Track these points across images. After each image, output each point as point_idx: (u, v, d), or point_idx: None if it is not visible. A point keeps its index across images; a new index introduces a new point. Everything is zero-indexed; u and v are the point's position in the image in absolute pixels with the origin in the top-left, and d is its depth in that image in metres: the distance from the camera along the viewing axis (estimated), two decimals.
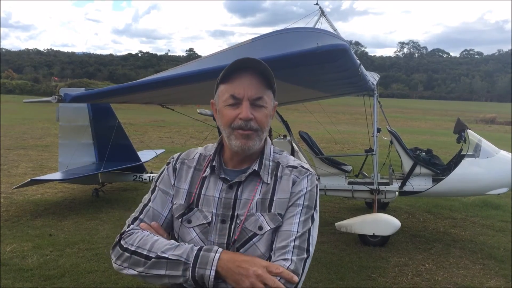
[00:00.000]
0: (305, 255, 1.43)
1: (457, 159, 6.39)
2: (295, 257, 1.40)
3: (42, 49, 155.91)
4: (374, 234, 5.75)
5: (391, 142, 6.71)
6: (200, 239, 1.48)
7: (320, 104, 10.28)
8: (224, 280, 1.34)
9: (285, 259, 1.39)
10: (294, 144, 7.36)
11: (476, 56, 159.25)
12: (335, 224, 5.96)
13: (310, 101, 8.92)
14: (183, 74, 3.82)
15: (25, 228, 6.17)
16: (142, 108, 29.33)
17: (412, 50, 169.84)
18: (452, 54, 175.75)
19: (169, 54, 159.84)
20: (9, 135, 15.96)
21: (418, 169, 6.36)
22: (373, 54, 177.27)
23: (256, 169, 1.51)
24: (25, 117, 23.15)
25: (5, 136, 15.49)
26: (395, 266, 5.24)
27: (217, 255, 1.34)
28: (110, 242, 5.57)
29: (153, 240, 1.43)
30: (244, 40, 4.98)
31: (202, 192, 1.53)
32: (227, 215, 1.48)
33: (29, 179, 7.25)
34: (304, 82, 4.98)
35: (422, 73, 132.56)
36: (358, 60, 4.36)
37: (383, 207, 7.51)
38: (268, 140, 1.60)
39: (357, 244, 5.89)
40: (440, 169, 6.42)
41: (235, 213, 1.48)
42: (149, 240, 1.43)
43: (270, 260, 1.43)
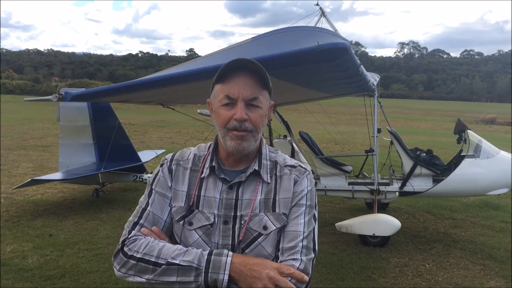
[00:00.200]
0: (313, 254, 1.46)
1: (458, 160, 6.39)
2: (304, 257, 1.42)
3: (42, 49, 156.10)
4: (374, 234, 5.75)
5: (391, 143, 6.71)
6: (203, 241, 1.47)
7: (320, 105, 10.26)
8: (236, 283, 1.34)
9: (294, 259, 1.41)
10: (294, 145, 7.36)
11: (476, 57, 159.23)
12: (335, 224, 5.96)
13: (310, 101, 8.92)
14: (183, 73, 3.81)
15: (26, 228, 6.17)
16: (143, 108, 29.33)
17: (412, 50, 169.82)
18: (452, 54, 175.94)
19: (169, 54, 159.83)
20: (10, 135, 15.96)
21: (418, 170, 6.36)
22: (373, 55, 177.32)
23: (257, 168, 1.51)
24: (26, 117, 23.15)
25: (6, 136, 15.49)
26: (396, 266, 5.24)
27: (229, 259, 1.34)
28: (110, 243, 5.58)
29: (160, 246, 1.41)
30: (244, 39, 4.98)
31: (202, 193, 1.51)
32: (229, 216, 1.47)
33: (30, 179, 7.26)
34: (304, 82, 4.97)
35: (422, 74, 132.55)
36: (358, 60, 4.35)
37: (384, 208, 7.51)
38: (263, 140, 1.60)
39: (357, 245, 5.89)
40: (440, 169, 6.43)
41: (237, 213, 1.47)
42: (155, 246, 1.41)
43: (276, 260, 1.44)
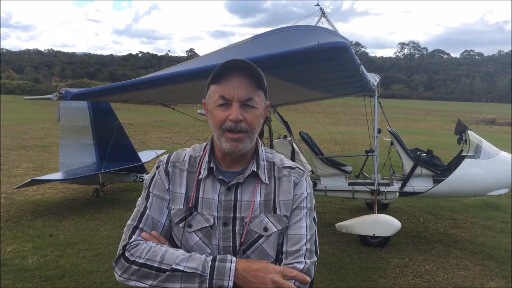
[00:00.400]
0: (315, 257, 1.48)
1: (458, 160, 6.39)
2: (308, 260, 1.44)
3: (42, 49, 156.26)
4: (374, 234, 5.75)
5: (392, 143, 6.71)
6: (204, 243, 1.46)
7: (321, 105, 10.25)
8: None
9: (299, 262, 1.43)
10: (294, 145, 7.36)
11: (477, 57, 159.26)
12: (336, 224, 5.96)
13: (310, 101, 8.91)
14: (183, 72, 3.80)
15: (26, 228, 6.17)
16: (143, 108, 29.35)
17: (412, 50, 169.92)
18: (453, 54, 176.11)
19: (170, 54, 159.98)
20: (10, 135, 15.97)
21: (418, 170, 6.36)
22: (373, 55, 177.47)
23: (255, 170, 1.50)
24: (26, 117, 23.16)
25: (6, 136, 15.49)
26: (396, 267, 5.24)
27: (233, 265, 1.34)
28: (110, 243, 5.58)
29: (163, 251, 1.40)
30: (244, 39, 4.98)
31: (200, 195, 1.50)
32: (228, 218, 1.46)
33: (30, 179, 7.26)
34: (304, 81, 4.95)
35: (422, 74, 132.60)
36: (358, 60, 4.35)
37: (384, 208, 7.50)
38: (259, 140, 1.59)
39: (357, 245, 5.89)
40: (441, 170, 6.42)
41: (236, 215, 1.46)
42: (158, 251, 1.40)
43: (278, 262, 1.45)
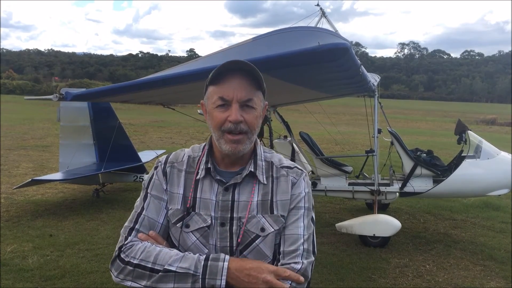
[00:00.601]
0: (313, 257, 1.47)
1: (458, 160, 6.38)
2: (305, 260, 1.43)
3: (42, 49, 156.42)
4: (374, 235, 5.74)
5: (392, 143, 6.71)
6: (201, 243, 1.46)
7: (321, 105, 10.24)
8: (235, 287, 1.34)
9: (296, 262, 1.41)
10: (294, 145, 7.36)
11: (477, 57, 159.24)
12: (336, 225, 5.96)
13: (311, 101, 8.91)
14: (183, 73, 3.80)
15: (26, 228, 6.16)
16: (143, 109, 29.36)
17: (412, 51, 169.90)
18: (453, 55, 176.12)
19: (170, 54, 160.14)
20: (10, 135, 15.96)
21: (418, 170, 6.36)
22: (373, 55, 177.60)
23: (252, 170, 1.50)
24: (26, 118, 23.15)
25: (6, 136, 15.49)
26: (396, 267, 5.24)
27: (226, 264, 1.33)
28: (110, 243, 5.58)
29: (157, 251, 1.40)
30: (245, 40, 4.98)
31: (198, 195, 1.50)
32: (226, 218, 1.46)
33: (30, 179, 7.25)
34: (305, 82, 4.96)
35: (422, 74, 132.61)
36: (358, 60, 4.35)
37: (384, 208, 7.50)
38: (258, 140, 1.59)
39: (357, 245, 5.89)
40: (441, 170, 6.42)
41: (233, 215, 1.46)
42: (152, 251, 1.40)
43: (275, 262, 1.44)
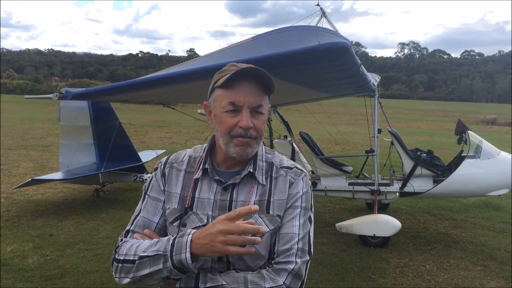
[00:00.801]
0: (308, 257, 1.45)
1: (458, 160, 6.39)
2: (299, 259, 1.41)
3: (42, 49, 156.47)
4: (374, 235, 5.75)
5: (392, 143, 6.71)
6: None
7: (321, 105, 10.25)
8: (203, 256, 1.32)
9: (289, 261, 1.40)
10: (294, 145, 7.36)
11: (477, 57, 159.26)
12: (336, 225, 5.96)
13: (311, 101, 8.91)
14: (183, 72, 3.79)
15: (26, 228, 6.16)
16: (143, 108, 29.35)
17: (412, 51, 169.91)
18: (453, 55, 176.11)
19: (170, 54, 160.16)
20: (10, 135, 15.96)
21: (418, 170, 6.36)
22: (373, 55, 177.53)
23: (251, 170, 1.50)
24: (26, 117, 23.15)
25: (6, 136, 15.49)
26: (396, 267, 5.24)
27: (189, 237, 1.32)
28: (110, 243, 5.59)
29: (138, 243, 1.42)
30: (244, 39, 4.98)
31: (196, 195, 1.51)
32: None
33: (30, 179, 7.24)
34: (305, 82, 4.95)
35: (422, 74, 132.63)
36: (358, 60, 4.35)
37: (384, 208, 7.50)
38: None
39: (357, 245, 5.89)
40: (441, 170, 6.42)
41: None
42: (135, 245, 1.42)
43: (269, 261, 1.44)
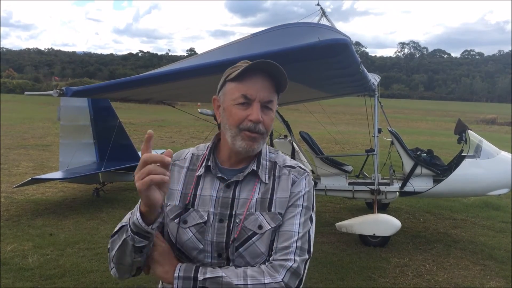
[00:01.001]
0: (307, 256, 1.44)
1: (458, 160, 6.39)
2: (297, 258, 1.40)
3: (42, 49, 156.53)
4: (374, 234, 5.75)
5: (392, 143, 6.71)
6: (197, 239, 1.46)
7: (321, 104, 10.25)
8: (150, 210, 1.28)
9: (288, 259, 1.39)
10: (294, 144, 7.35)
11: (477, 57, 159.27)
12: (336, 224, 5.96)
13: (311, 101, 8.91)
14: (184, 68, 3.78)
15: (26, 227, 6.17)
16: (143, 108, 29.37)
17: (412, 50, 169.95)
18: (453, 54, 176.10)
19: (170, 54, 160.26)
20: (10, 134, 15.96)
21: (418, 170, 6.36)
22: (373, 55, 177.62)
23: (254, 168, 1.50)
24: (26, 117, 23.14)
25: (6, 135, 15.49)
26: (396, 266, 5.24)
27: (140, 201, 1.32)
28: None
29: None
30: (244, 36, 4.97)
31: (198, 192, 1.50)
32: (225, 214, 1.46)
33: (30, 178, 7.24)
34: (305, 80, 4.94)
35: (422, 74, 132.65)
36: (359, 58, 4.34)
37: (384, 208, 7.50)
38: None
39: (357, 245, 5.89)
40: (441, 169, 6.42)
41: (233, 212, 1.46)
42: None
43: (269, 259, 1.42)
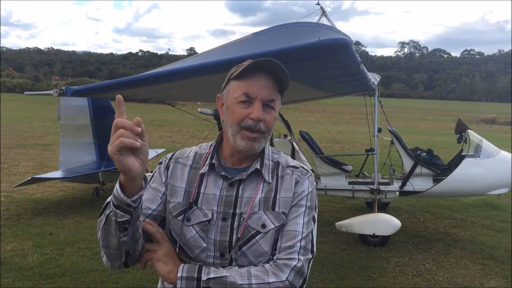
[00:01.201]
0: (310, 255, 1.45)
1: (458, 159, 6.39)
2: (302, 257, 1.42)
3: (42, 48, 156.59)
4: (374, 234, 5.74)
5: (392, 142, 6.70)
6: (200, 237, 1.47)
7: (321, 104, 10.26)
8: (128, 179, 1.24)
9: (292, 258, 1.40)
10: (294, 144, 7.35)
11: (477, 56, 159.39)
12: (336, 224, 5.96)
13: (311, 100, 8.91)
14: (185, 68, 3.79)
15: (26, 227, 6.16)
16: (143, 107, 29.33)
17: (412, 50, 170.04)
18: (453, 54, 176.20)
19: (170, 53, 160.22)
20: (10, 134, 15.96)
21: (418, 169, 6.35)
22: (373, 54, 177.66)
23: (258, 167, 1.50)
24: (26, 116, 23.14)
25: (6, 135, 15.48)
26: (396, 266, 5.24)
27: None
28: None
29: None
30: (245, 35, 4.97)
31: (201, 190, 1.51)
32: (228, 213, 1.47)
33: (30, 178, 7.24)
34: (305, 79, 4.94)
35: (422, 73, 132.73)
36: (358, 57, 4.34)
37: (384, 207, 7.50)
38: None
39: (357, 244, 5.89)
40: (441, 169, 6.42)
41: (236, 211, 1.47)
42: None
43: (273, 258, 1.43)
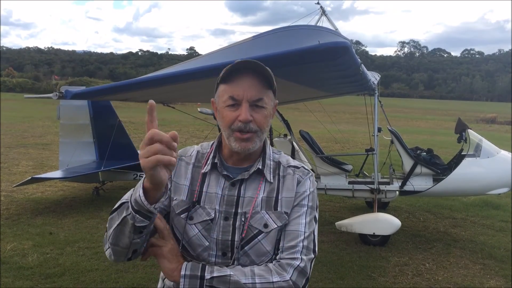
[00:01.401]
0: (312, 255, 1.46)
1: (458, 159, 6.39)
2: (304, 257, 1.43)
3: (42, 47, 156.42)
4: (374, 233, 5.75)
5: (392, 142, 6.71)
6: (203, 236, 1.48)
7: (321, 103, 10.25)
8: (154, 188, 1.25)
9: (295, 258, 1.41)
10: (294, 143, 7.35)
11: (477, 56, 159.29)
12: (336, 223, 5.96)
13: (311, 100, 8.90)
14: (184, 72, 3.81)
15: (26, 226, 6.17)
16: (143, 107, 29.23)
17: (412, 49, 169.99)
18: (453, 53, 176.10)
19: (170, 52, 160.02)
20: (10, 133, 15.96)
21: (418, 169, 6.36)
22: (373, 54, 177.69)
23: (260, 167, 1.52)
24: (26, 115, 23.13)
25: (6, 134, 15.48)
26: (396, 265, 5.25)
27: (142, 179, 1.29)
28: None
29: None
30: (245, 38, 4.98)
31: (204, 189, 1.52)
32: (230, 212, 1.48)
33: (30, 177, 7.24)
34: (305, 81, 4.96)
35: (422, 73, 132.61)
36: (359, 59, 4.34)
37: (384, 207, 7.51)
38: (267, 140, 1.60)
39: (357, 244, 5.89)
40: (441, 168, 6.42)
41: (238, 210, 1.48)
42: None
43: (275, 258, 1.45)
